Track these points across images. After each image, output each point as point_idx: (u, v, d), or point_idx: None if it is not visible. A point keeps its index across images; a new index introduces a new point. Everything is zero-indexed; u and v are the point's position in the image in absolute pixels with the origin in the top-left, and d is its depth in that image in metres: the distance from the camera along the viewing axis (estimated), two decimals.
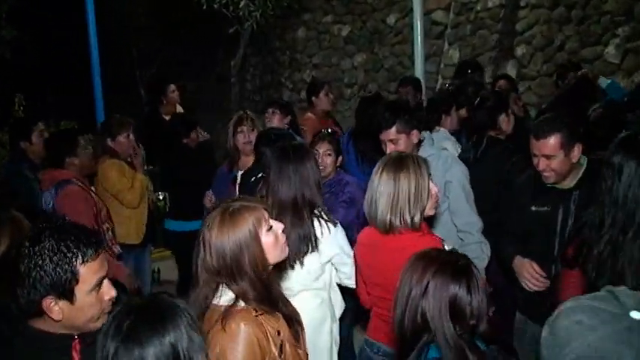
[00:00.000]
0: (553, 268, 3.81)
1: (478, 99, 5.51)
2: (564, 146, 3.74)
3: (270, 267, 2.75)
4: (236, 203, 2.71)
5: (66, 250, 2.25)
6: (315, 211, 3.86)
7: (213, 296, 2.66)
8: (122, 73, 12.96)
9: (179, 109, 7.85)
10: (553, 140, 3.73)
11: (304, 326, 2.92)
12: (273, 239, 2.70)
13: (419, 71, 9.32)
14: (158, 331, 1.97)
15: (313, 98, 7.15)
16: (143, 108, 11.34)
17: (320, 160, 4.87)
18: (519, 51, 9.93)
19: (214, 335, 2.53)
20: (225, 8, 11.49)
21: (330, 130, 5.63)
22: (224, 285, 2.66)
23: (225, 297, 2.65)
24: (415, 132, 4.50)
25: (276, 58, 14.15)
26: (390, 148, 4.49)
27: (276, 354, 2.60)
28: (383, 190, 3.39)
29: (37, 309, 2.30)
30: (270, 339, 2.59)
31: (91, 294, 2.31)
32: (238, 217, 2.63)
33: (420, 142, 4.62)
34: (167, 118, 7.35)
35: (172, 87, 7.62)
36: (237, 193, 5.16)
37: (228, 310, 2.59)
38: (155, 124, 7.28)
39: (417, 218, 3.40)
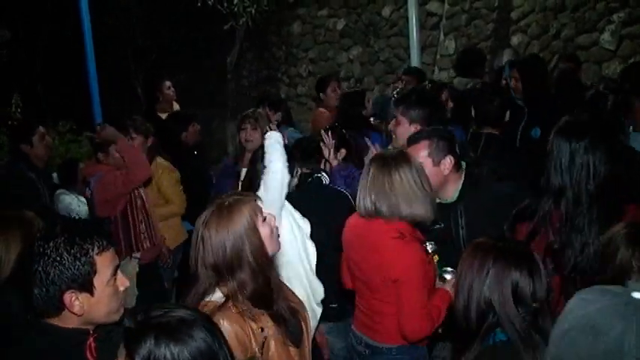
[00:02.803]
0: None
1: (490, 93, 5.48)
2: (432, 155, 3.76)
3: (270, 258, 2.77)
4: (229, 198, 2.73)
5: (82, 243, 2.28)
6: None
7: (209, 293, 2.68)
8: (118, 71, 12.92)
9: (176, 106, 7.79)
10: (420, 146, 3.78)
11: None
12: (269, 230, 2.73)
13: (415, 63, 9.33)
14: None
15: (321, 95, 7.24)
16: (140, 105, 11.32)
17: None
18: (515, 40, 9.92)
19: None
20: (220, 4, 11.47)
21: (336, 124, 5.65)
22: (218, 284, 2.68)
23: (216, 294, 2.67)
24: (417, 126, 4.43)
25: (272, 53, 14.14)
26: (391, 124, 4.59)
27: (257, 350, 2.60)
28: (392, 183, 3.37)
29: (56, 306, 2.29)
30: (252, 336, 2.59)
31: (108, 284, 2.33)
32: (235, 209, 2.66)
33: None
34: (163, 115, 7.27)
35: (168, 84, 7.54)
36: (240, 188, 5.20)
37: (214, 309, 2.59)
38: (150, 123, 7.23)
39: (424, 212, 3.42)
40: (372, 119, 6.66)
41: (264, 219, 2.73)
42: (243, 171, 5.43)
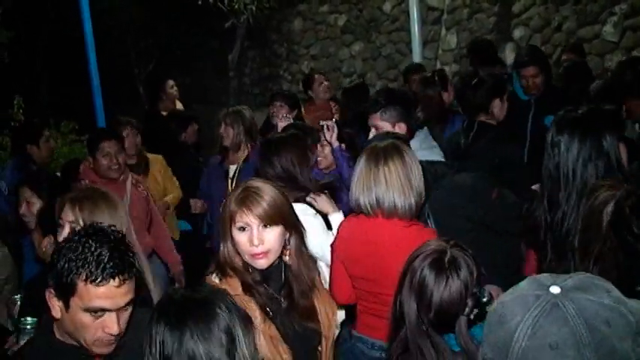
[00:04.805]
0: None
1: (476, 79, 5.43)
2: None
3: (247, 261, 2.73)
4: (256, 184, 2.73)
5: (77, 260, 2.13)
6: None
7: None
8: (120, 71, 12.93)
9: (179, 105, 7.80)
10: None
11: None
12: (243, 239, 2.67)
13: (417, 58, 9.29)
14: (208, 313, 1.98)
15: (309, 92, 7.28)
16: (143, 105, 11.33)
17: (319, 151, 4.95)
18: (517, 33, 9.89)
19: None
20: (221, 2, 11.48)
21: (334, 120, 5.63)
22: None
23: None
24: (402, 125, 4.34)
25: (273, 51, 14.12)
26: (372, 134, 4.43)
27: None
28: (389, 176, 3.27)
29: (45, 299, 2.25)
30: None
31: (85, 314, 2.16)
32: (239, 199, 2.67)
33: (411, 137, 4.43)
34: (166, 114, 7.29)
35: (171, 82, 7.55)
36: (231, 187, 5.22)
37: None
38: (154, 121, 7.24)
39: (419, 203, 3.34)
40: None
41: (242, 229, 2.67)
42: (232, 168, 5.43)
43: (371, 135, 4.47)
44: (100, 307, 2.15)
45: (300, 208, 3.57)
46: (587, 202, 2.50)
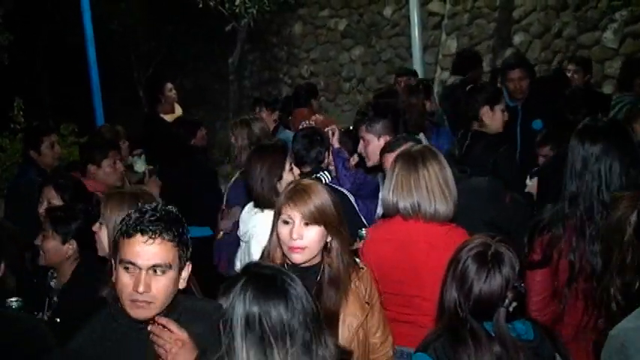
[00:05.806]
0: None
1: (468, 89, 5.45)
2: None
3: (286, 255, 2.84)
4: (306, 182, 2.91)
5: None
6: None
7: None
8: (120, 75, 12.93)
9: (177, 108, 7.80)
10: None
11: None
12: (285, 231, 2.80)
13: (417, 62, 9.32)
14: (284, 284, 2.01)
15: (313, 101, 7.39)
16: (142, 109, 11.34)
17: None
18: (517, 39, 9.91)
19: None
20: (222, 6, 11.49)
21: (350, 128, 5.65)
22: None
23: None
24: (387, 138, 4.39)
25: (273, 54, 14.12)
26: (360, 145, 4.58)
27: None
28: (429, 181, 3.30)
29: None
30: None
31: (121, 269, 2.30)
32: (288, 194, 2.84)
33: None
34: (166, 117, 7.28)
35: (170, 86, 7.55)
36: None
37: None
38: (153, 124, 7.24)
39: (456, 205, 3.36)
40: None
41: (286, 222, 2.80)
42: None
43: (360, 147, 4.55)
44: (129, 260, 2.28)
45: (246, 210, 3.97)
46: (609, 214, 2.49)
